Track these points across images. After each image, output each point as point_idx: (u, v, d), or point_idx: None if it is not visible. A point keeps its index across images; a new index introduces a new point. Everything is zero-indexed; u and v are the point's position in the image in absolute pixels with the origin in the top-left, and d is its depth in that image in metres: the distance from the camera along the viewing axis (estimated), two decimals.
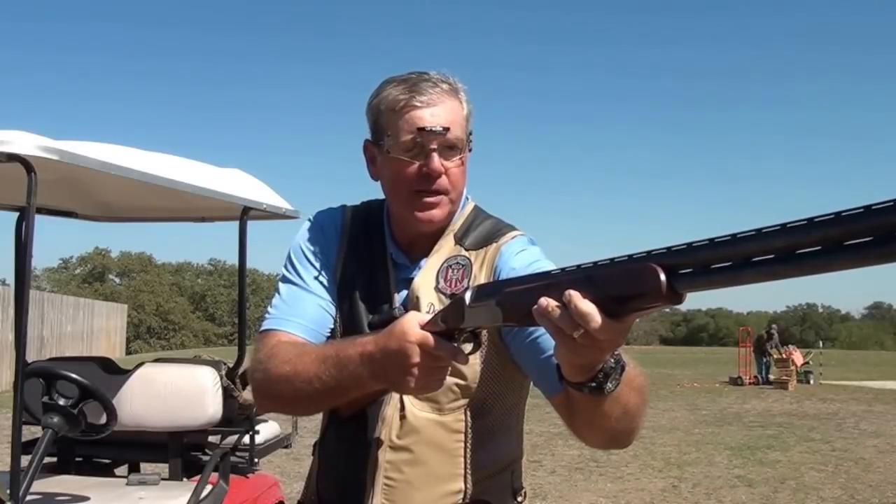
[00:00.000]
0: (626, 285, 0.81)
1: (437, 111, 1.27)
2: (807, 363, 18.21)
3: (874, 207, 0.63)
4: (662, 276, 0.77)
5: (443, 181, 1.29)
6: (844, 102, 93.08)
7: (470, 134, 1.32)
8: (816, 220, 0.66)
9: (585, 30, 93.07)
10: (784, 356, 17.34)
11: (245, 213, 3.54)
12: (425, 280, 1.32)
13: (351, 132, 1.39)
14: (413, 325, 1.06)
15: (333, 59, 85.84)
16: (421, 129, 1.26)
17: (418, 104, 1.27)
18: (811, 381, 17.53)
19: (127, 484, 3.06)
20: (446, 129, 1.26)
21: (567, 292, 0.85)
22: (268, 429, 3.77)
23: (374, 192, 1.41)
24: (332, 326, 1.35)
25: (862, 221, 0.64)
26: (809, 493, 6.51)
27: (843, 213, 0.65)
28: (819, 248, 0.66)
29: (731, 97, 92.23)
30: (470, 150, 1.33)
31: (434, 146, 1.27)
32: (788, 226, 0.68)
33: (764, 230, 0.70)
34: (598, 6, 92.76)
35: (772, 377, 17.41)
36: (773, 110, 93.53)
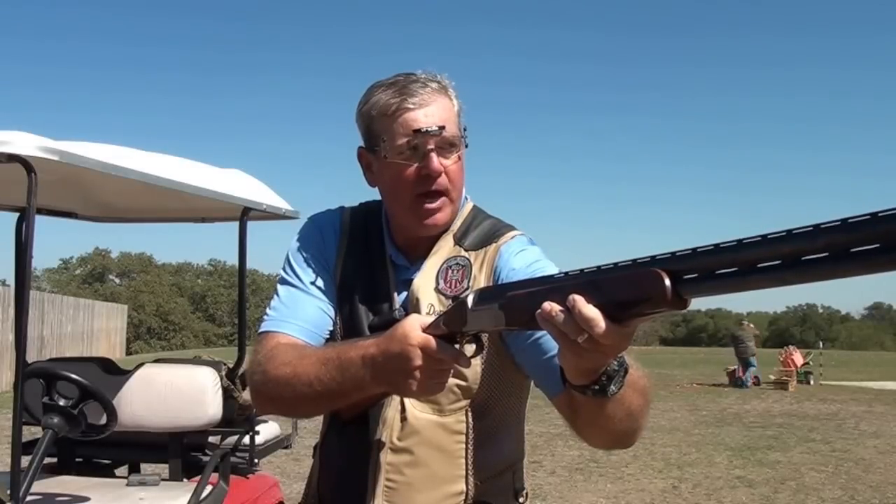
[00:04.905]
0: (630, 290, 0.80)
1: (431, 111, 1.27)
2: (807, 363, 18.18)
3: (881, 214, 0.62)
4: (667, 281, 0.76)
5: (443, 180, 1.29)
6: (854, 116, 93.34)
7: (464, 130, 1.32)
8: (823, 226, 0.66)
9: (588, 41, 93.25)
10: None
11: (245, 214, 3.54)
12: (425, 281, 1.31)
13: (351, 133, 1.39)
14: (415, 328, 1.05)
15: (334, 62, 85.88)
16: (416, 131, 1.25)
17: (411, 106, 1.26)
18: (811, 382, 17.50)
19: (127, 484, 3.05)
20: (441, 128, 1.26)
21: (571, 297, 0.84)
22: (268, 429, 3.77)
23: (375, 193, 1.41)
24: (331, 328, 1.35)
25: (869, 228, 0.63)
26: (810, 493, 6.51)
27: (850, 220, 0.64)
28: (825, 254, 0.66)
29: (736, 107, 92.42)
30: (466, 146, 1.32)
31: (431, 146, 1.26)
32: (794, 232, 0.68)
33: (770, 236, 0.69)
34: (601, 20, 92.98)
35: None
36: (778, 120, 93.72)
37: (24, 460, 2.52)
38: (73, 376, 2.72)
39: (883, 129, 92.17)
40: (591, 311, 0.83)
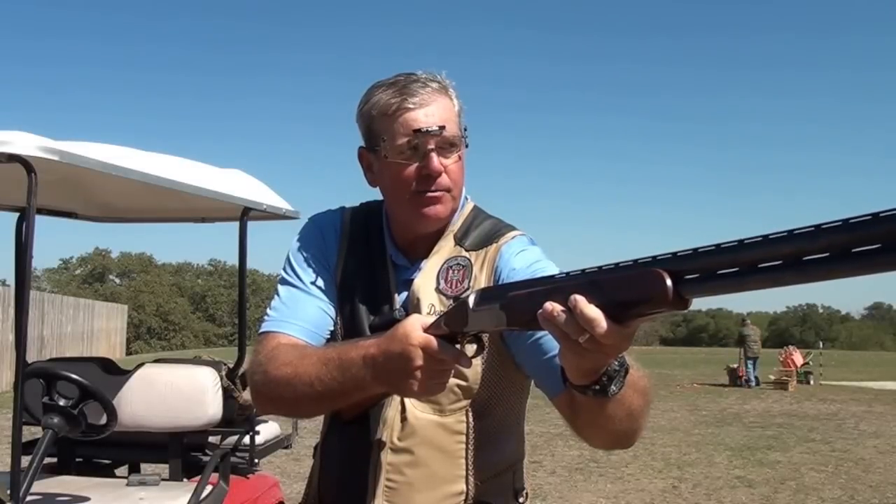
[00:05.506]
0: (631, 290, 0.80)
1: (431, 111, 1.27)
2: (807, 363, 18.18)
3: (882, 215, 0.62)
4: (668, 282, 0.76)
5: (443, 180, 1.28)
6: (854, 116, 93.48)
7: (465, 129, 1.32)
8: (824, 226, 0.66)
9: (589, 44, 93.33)
10: None
11: (245, 214, 3.54)
12: (426, 281, 1.31)
13: (352, 133, 1.39)
14: (416, 328, 1.05)
15: (334, 63, 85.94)
16: (417, 131, 1.25)
17: (411, 106, 1.26)
18: (811, 382, 17.51)
19: (127, 484, 3.05)
20: (442, 128, 1.26)
21: (572, 297, 0.84)
22: (268, 429, 3.76)
23: (375, 193, 1.41)
24: (331, 328, 1.35)
25: (870, 228, 0.63)
26: (809, 493, 6.51)
27: (851, 220, 0.64)
28: (826, 254, 0.66)
29: (736, 108, 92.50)
30: (466, 146, 1.32)
31: (431, 146, 1.26)
32: (795, 232, 0.68)
33: (771, 236, 0.69)
34: (602, 21, 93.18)
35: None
36: (778, 120, 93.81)
37: (25, 460, 2.51)
38: (73, 376, 2.72)
39: (884, 130, 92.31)
40: (593, 312, 0.83)
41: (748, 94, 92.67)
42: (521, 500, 1.39)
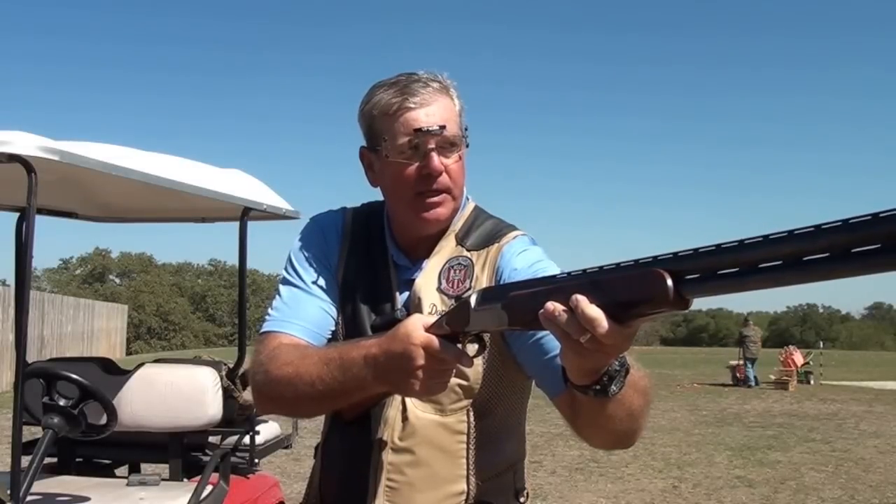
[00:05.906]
0: (632, 290, 0.80)
1: (432, 110, 1.27)
2: (807, 363, 18.18)
3: (882, 215, 0.62)
4: (669, 282, 0.76)
5: (444, 179, 1.29)
6: (854, 116, 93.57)
7: (465, 129, 1.32)
8: (824, 226, 0.66)
9: (589, 44, 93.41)
10: None
11: (245, 214, 3.54)
12: (427, 281, 1.32)
13: (353, 133, 1.39)
14: (417, 328, 1.05)
15: (335, 62, 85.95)
16: (417, 130, 1.25)
17: (412, 105, 1.26)
18: (811, 382, 17.52)
19: (127, 484, 3.06)
20: (442, 128, 1.26)
21: (574, 297, 0.84)
22: (268, 429, 3.77)
23: (377, 193, 1.41)
24: (333, 328, 1.35)
25: (870, 228, 0.63)
26: (810, 493, 6.51)
27: (851, 220, 0.64)
28: (826, 254, 0.66)
29: (736, 107, 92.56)
30: (467, 146, 1.33)
31: (432, 146, 1.26)
32: (796, 232, 0.68)
33: (771, 236, 0.69)
34: (604, 23, 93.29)
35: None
36: (777, 120, 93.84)
37: (25, 460, 2.52)
38: (73, 376, 2.72)
39: (885, 129, 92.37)
40: (594, 311, 0.83)
41: (748, 94, 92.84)
42: (521, 499, 1.39)
